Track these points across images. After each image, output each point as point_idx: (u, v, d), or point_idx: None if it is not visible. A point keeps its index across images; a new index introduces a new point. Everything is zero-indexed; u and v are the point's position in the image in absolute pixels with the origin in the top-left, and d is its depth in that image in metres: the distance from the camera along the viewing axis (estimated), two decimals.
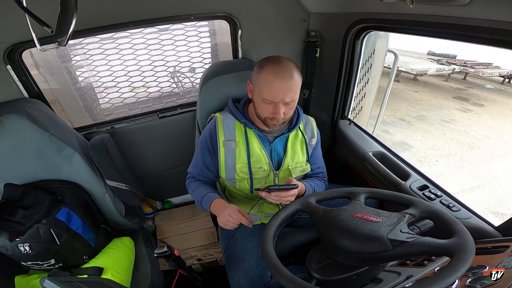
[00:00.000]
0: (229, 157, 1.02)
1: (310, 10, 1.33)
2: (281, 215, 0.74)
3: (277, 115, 0.89)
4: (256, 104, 0.95)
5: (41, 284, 0.59)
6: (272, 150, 1.04)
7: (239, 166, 1.02)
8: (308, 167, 1.10)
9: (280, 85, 0.85)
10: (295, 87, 0.88)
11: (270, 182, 1.06)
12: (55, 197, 1.08)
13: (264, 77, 0.87)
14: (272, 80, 0.86)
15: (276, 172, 1.05)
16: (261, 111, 0.93)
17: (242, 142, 1.01)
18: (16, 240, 0.95)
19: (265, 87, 0.87)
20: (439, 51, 11.13)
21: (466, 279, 0.58)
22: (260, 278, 0.97)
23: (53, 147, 1.07)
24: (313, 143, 1.11)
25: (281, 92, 0.86)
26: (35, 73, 1.23)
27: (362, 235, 0.59)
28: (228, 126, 1.02)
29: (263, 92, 0.89)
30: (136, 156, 1.54)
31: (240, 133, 1.02)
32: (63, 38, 0.50)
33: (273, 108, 0.89)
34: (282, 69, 0.86)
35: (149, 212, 1.71)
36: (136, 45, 1.43)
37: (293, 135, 1.06)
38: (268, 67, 0.88)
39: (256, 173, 1.04)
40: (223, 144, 1.01)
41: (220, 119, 1.03)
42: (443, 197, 0.95)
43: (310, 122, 1.13)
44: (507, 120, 6.05)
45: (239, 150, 1.01)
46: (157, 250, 0.93)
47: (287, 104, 0.90)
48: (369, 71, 2.17)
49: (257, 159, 1.02)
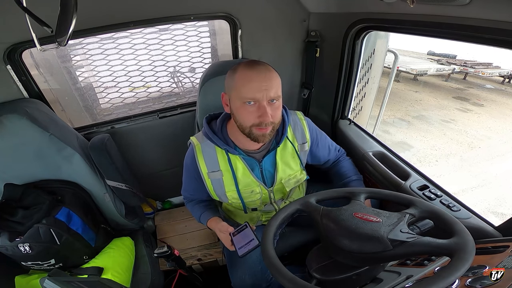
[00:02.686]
0: (217, 186, 0.95)
1: (310, 10, 1.33)
2: (281, 215, 0.74)
3: (265, 117, 0.78)
4: (237, 113, 0.82)
5: (41, 284, 0.59)
6: (263, 170, 0.96)
7: (229, 194, 0.96)
8: (303, 175, 1.03)
9: (259, 77, 0.76)
10: (276, 80, 0.79)
11: (266, 199, 1.03)
12: (55, 197, 1.08)
13: (240, 74, 0.79)
14: (249, 74, 0.77)
15: (270, 189, 1.00)
16: (245, 118, 0.80)
17: (227, 170, 0.92)
18: (16, 240, 0.95)
19: (244, 83, 0.77)
20: (439, 51, 11.13)
21: (466, 279, 0.58)
22: (263, 274, 0.97)
23: (53, 147, 1.07)
24: (306, 148, 1.01)
25: (263, 85, 0.76)
26: (35, 73, 1.23)
27: (362, 235, 0.59)
28: (209, 155, 0.91)
29: (242, 91, 0.77)
30: (136, 156, 1.54)
31: (223, 160, 0.91)
32: (63, 38, 0.50)
33: (258, 110, 0.78)
34: (256, 64, 0.80)
35: (149, 212, 1.71)
36: (136, 45, 1.43)
37: (281, 148, 0.96)
38: (241, 66, 0.80)
39: (249, 197, 0.98)
40: (207, 176, 0.93)
41: (199, 147, 0.92)
42: (443, 197, 0.95)
43: (299, 121, 1.00)
44: (507, 120, 6.05)
45: (226, 179, 0.93)
46: (157, 250, 0.93)
47: (272, 103, 0.80)
48: (369, 71, 2.17)
49: (245, 185, 0.95)
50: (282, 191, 1.04)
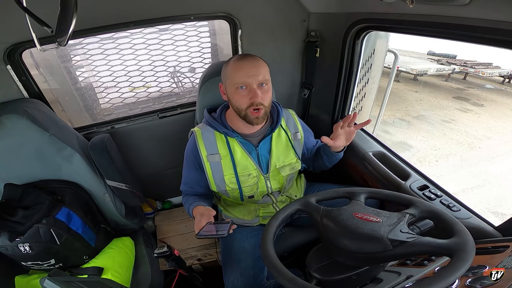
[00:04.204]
0: (216, 171, 1.00)
1: (310, 10, 1.33)
2: (281, 215, 0.74)
3: (255, 98, 0.89)
4: (232, 97, 0.94)
5: (41, 284, 0.59)
6: (259, 154, 1.02)
7: (227, 178, 1.01)
8: (298, 164, 1.09)
9: (247, 65, 0.90)
10: (263, 67, 0.92)
11: (262, 187, 1.05)
12: (55, 197, 1.08)
13: (231, 65, 0.92)
14: (239, 63, 0.91)
15: (266, 175, 1.04)
16: (239, 101, 0.92)
17: (225, 153, 0.99)
18: (16, 240, 0.95)
19: (235, 72, 0.90)
20: (439, 51, 11.13)
21: (466, 279, 0.58)
22: (255, 279, 0.97)
23: (53, 147, 1.07)
24: (299, 137, 1.09)
25: (252, 71, 0.89)
26: (35, 73, 1.23)
27: (362, 235, 0.59)
28: (209, 139, 1.00)
29: (234, 78, 0.91)
30: (136, 156, 1.54)
31: (222, 144, 0.99)
32: (63, 38, 0.50)
33: (249, 93, 0.90)
34: (246, 56, 0.93)
35: (149, 212, 1.71)
36: (136, 45, 1.43)
37: (276, 134, 1.04)
38: (233, 58, 0.94)
39: (245, 181, 1.02)
40: (206, 159, 0.99)
41: (199, 133, 1.01)
42: (443, 197, 0.95)
43: (291, 116, 1.11)
44: (507, 120, 6.06)
45: (224, 162, 0.99)
46: (157, 250, 0.93)
47: (262, 87, 0.91)
48: (369, 71, 2.17)
49: (243, 167, 1.00)
50: (278, 179, 1.07)
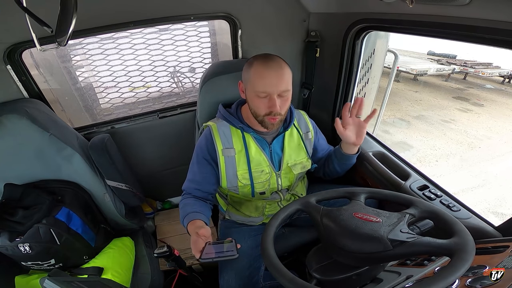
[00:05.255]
0: (229, 165, 1.00)
1: (310, 10, 1.33)
2: (281, 215, 0.74)
3: (274, 108, 0.89)
4: (251, 102, 0.94)
5: (41, 284, 0.59)
6: (272, 151, 1.03)
7: (240, 173, 1.01)
8: (309, 163, 1.10)
9: (271, 75, 0.87)
10: (286, 76, 0.89)
11: (273, 184, 1.06)
12: (55, 197, 1.08)
13: (255, 70, 0.89)
14: (263, 71, 0.88)
15: (278, 173, 1.05)
16: (257, 107, 0.92)
17: (240, 148, 1.00)
18: (16, 240, 0.94)
19: (257, 79, 0.88)
20: (439, 51, 11.14)
21: (466, 279, 0.58)
22: (250, 280, 0.97)
23: (53, 147, 1.07)
24: (310, 137, 1.11)
25: (274, 81, 0.87)
26: (35, 73, 1.23)
27: (362, 235, 0.59)
28: (225, 133, 1.00)
29: (256, 85, 0.88)
30: (136, 156, 1.54)
31: (237, 139, 1.00)
32: (63, 38, 0.50)
33: (269, 102, 0.89)
34: (271, 61, 0.89)
35: (149, 212, 1.71)
36: (136, 45, 1.43)
37: (289, 133, 1.05)
38: (257, 61, 0.90)
39: (258, 177, 1.03)
40: (222, 152, 0.99)
41: (215, 127, 1.00)
42: (443, 197, 0.95)
43: (303, 116, 1.12)
44: (507, 120, 6.06)
45: (239, 157, 1.00)
46: (157, 250, 0.93)
47: (282, 96, 0.90)
48: (369, 71, 2.17)
49: (257, 163, 1.01)
50: (289, 177, 1.08)
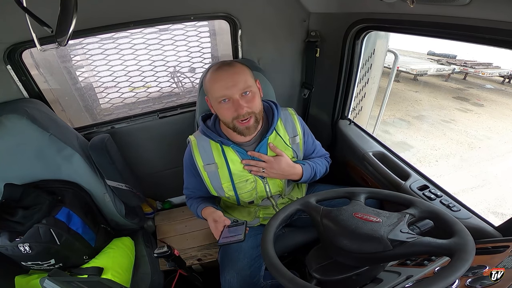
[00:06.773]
0: (213, 179, 1.00)
1: (310, 10, 1.33)
2: (281, 215, 0.74)
3: (239, 110, 0.85)
4: (217, 111, 0.92)
5: (41, 284, 0.59)
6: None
7: (225, 185, 1.00)
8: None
9: (224, 76, 0.85)
10: (242, 74, 0.86)
11: (261, 192, 1.05)
12: (55, 197, 1.08)
13: (209, 78, 0.88)
14: (216, 76, 0.87)
15: (264, 180, 1.03)
16: (224, 115, 0.89)
17: (221, 162, 0.98)
18: (16, 240, 0.95)
19: (213, 85, 0.87)
20: (439, 51, 11.11)
21: (466, 279, 0.58)
22: (252, 279, 0.97)
23: (53, 147, 1.07)
24: (298, 141, 1.05)
25: (229, 83, 0.84)
26: (35, 73, 1.23)
27: (362, 235, 0.59)
28: (204, 148, 0.98)
29: (214, 92, 0.87)
30: (136, 156, 1.54)
31: (217, 153, 0.97)
32: (63, 38, 0.50)
33: (233, 105, 0.86)
34: (222, 65, 0.88)
35: (149, 212, 1.71)
36: (136, 45, 1.43)
37: (272, 138, 1.00)
38: (210, 70, 0.90)
39: (243, 187, 1.02)
40: (203, 168, 0.98)
41: (195, 142, 0.99)
42: (443, 197, 0.95)
43: (291, 116, 1.05)
44: (507, 120, 6.04)
45: (221, 171, 0.98)
46: (157, 250, 0.93)
47: (245, 95, 0.87)
48: (369, 71, 2.17)
49: (239, 176, 0.99)
50: (277, 183, 1.06)
